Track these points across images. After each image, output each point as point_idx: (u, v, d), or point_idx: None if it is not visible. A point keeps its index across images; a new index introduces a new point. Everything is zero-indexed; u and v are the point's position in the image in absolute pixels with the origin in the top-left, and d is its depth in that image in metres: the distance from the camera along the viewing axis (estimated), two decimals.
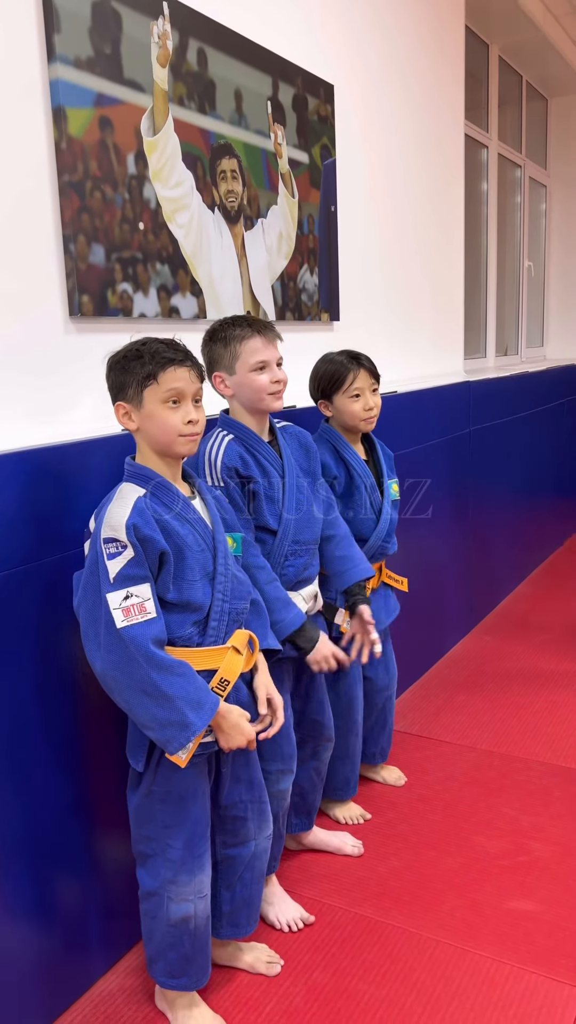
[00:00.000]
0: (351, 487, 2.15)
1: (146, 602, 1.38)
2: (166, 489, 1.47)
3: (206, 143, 2.08)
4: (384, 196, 3.03)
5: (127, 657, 1.36)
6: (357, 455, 2.18)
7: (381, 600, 2.26)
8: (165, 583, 1.43)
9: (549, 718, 2.82)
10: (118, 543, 1.38)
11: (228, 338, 1.75)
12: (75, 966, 1.68)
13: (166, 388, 1.43)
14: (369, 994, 1.68)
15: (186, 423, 1.45)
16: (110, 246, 1.81)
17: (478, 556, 3.66)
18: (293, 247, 2.47)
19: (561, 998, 1.65)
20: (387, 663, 2.36)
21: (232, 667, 1.50)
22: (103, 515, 1.42)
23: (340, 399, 2.13)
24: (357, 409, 2.12)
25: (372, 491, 2.17)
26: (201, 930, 1.57)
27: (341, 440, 2.17)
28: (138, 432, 1.47)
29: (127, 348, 1.46)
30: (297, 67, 2.43)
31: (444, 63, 3.45)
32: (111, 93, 1.79)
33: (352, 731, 2.22)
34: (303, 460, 1.93)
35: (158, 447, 1.47)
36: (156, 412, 1.43)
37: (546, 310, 5.91)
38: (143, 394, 1.43)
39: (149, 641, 1.37)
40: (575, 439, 5.24)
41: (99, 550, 1.38)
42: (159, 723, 1.39)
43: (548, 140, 5.67)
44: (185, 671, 1.41)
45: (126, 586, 1.37)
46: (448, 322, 3.68)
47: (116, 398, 1.46)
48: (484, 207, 4.63)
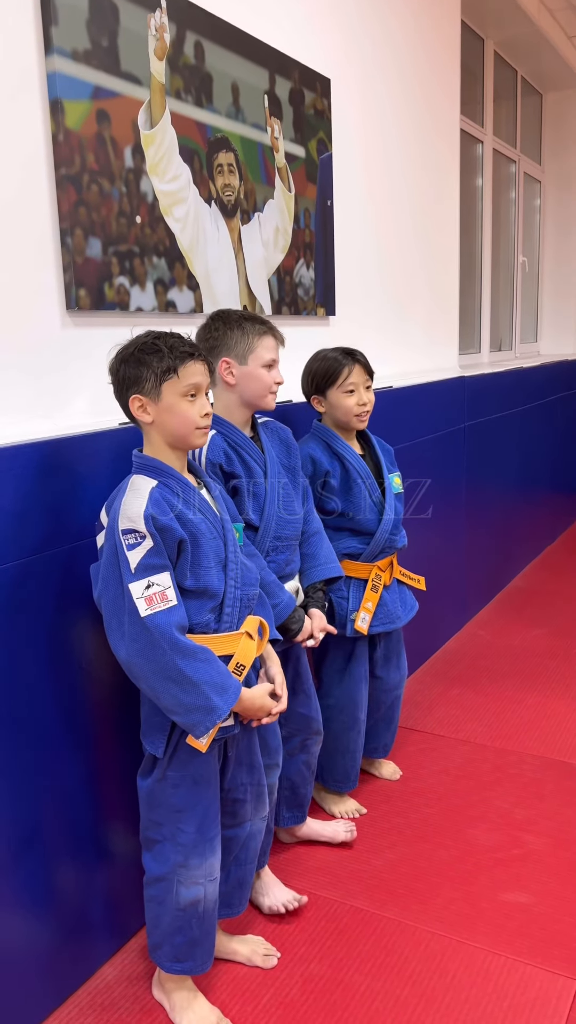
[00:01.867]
0: (348, 482, 2.15)
1: (167, 590, 1.40)
2: (177, 480, 1.49)
3: (203, 137, 2.08)
4: (380, 191, 3.03)
5: (151, 644, 1.38)
6: (352, 450, 2.18)
7: (396, 596, 2.24)
8: (183, 571, 1.45)
9: (543, 712, 2.83)
10: (137, 534, 1.39)
11: (247, 329, 1.77)
12: (78, 954, 1.69)
13: (186, 382, 1.45)
14: (364, 986, 1.69)
15: (203, 416, 1.47)
16: (107, 240, 1.81)
17: (472, 552, 3.67)
18: (289, 241, 2.47)
19: (555, 989, 1.66)
20: (398, 663, 2.35)
21: (247, 652, 1.52)
22: (117, 507, 1.43)
23: (334, 394, 2.12)
24: (351, 404, 2.12)
25: (371, 484, 2.16)
26: (209, 913, 1.59)
27: (334, 436, 2.16)
28: (152, 425, 1.47)
29: (139, 341, 1.46)
30: (294, 61, 2.43)
31: (440, 57, 3.45)
32: (108, 86, 1.78)
33: (354, 728, 2.23)
34: (284, 456, 1.93)
35: (173, 439, 1.48)
36: (176, 405, 1.45)
37: (540, 305, 5.92)
38: (162, 388, 1.44)
39: (173, 628, 1.39)
40: (569, 434, 5.26)
41: (118, 541, 1.40)
42: (185, 708, 1.41)
43: (543, 135, 5.68)
44: (208, 656, 1.43)
45: (147, 575, 1.39)
46: (443, 317, 3.68)
47: (130, 391, 1.46)
48: (479, 202, 4.63)
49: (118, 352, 1.47)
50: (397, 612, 2.23)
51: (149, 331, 1.47)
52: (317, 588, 1.96)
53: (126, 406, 1.48)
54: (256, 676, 1.62)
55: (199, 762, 1.53)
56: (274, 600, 1.76)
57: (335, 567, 1.99)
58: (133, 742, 1.73)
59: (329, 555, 1.99)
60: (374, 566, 2.17)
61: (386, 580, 2.21)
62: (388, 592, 2.21)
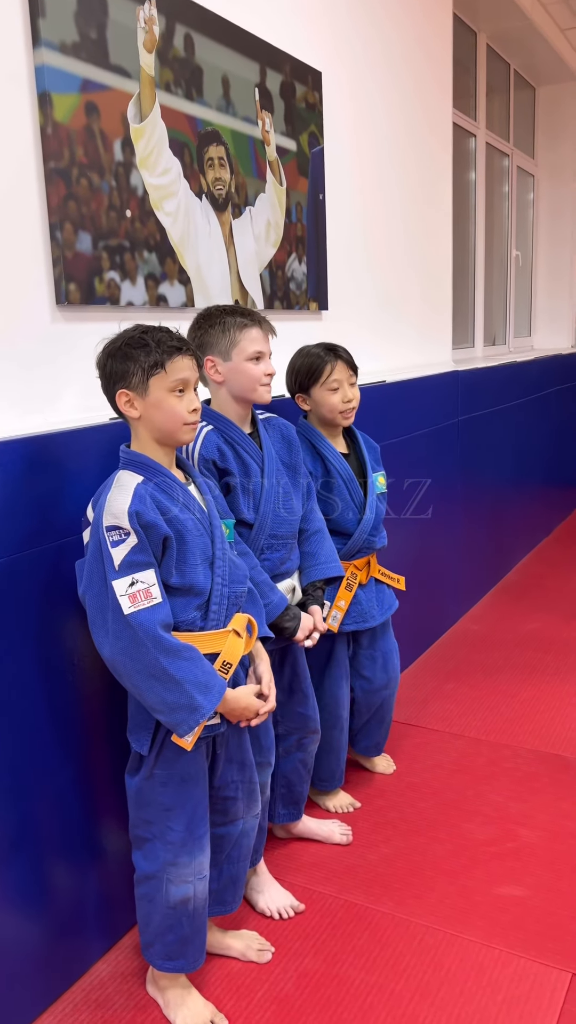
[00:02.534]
0: (329, 483, 2.13)
1: (152, 587, 1.39)
2: (164, 476, 1.47)
3: (193, 130, 2.07)
4: (372, 185, 3.02)
5: (135, 642, 1.37)
6: (334, 450, 2.15)
7: (372, 595, 2.22)
8: (168, 568, 1.44)
9: (537, 706, 2.83)
10: (121, 530, 1.38)
11: (227, 324, 1.74)
12: (71, 951, 1.69)
13: (174, 377, 1.44)
14: (360, 980, 1.69)
15: (190, 411, 1.46)
16: (97, 234, 1.80)
17: (467, 546, 3.67)
18: (281, 235, 2.46)
19: (549, 982, 1.66)
20: (385, 662, 2.30)
21: (234, 650, 1.51)
22: (102, 503, 1.42)
23: (318, 391, 2.11)
24: (335, 401, 2.10)
25: (352, 485, 2.14)
26: (200, 911, 1.59)
27: (318, 435, 2.15)
28: (139, 420, 1.46)
29: (127, 335, 1.44)
30: (285, 54, 2.41)
31: (432, 50, 3.44)
32: (97, 79, 1.77)
33: (336, 726, 2.22)
34: (284, 453, 1.92)
35: (161, 435, 1.47)
36: (163, 401, 1.44)
37: (534, 300, 5.91)
38: (149, 382, 1.43)
39: (157, 626, 1.38)
40: (564, 428, 5.26)
41: (102, 538, 1.39)
42: (168, 707, 1.40)
43: (536, 129, 5.67)
44: (193, 655, 1.42)
45: (131, 572, 1.38)
46: (436, 312, 3.68)
47: (117, 386, 1.45)
48: (472, 196, 4.62)
49: (105, 346, 1.46)
50: (372, 611, 2.20)
51: (137, 324, 1.46)
52: (317, 587, 1.95)
53: (113, 401, 1.47)
54: (245, 675, 1.61)
55: (186, 760, 1.52)
56: (264, 600, 1.74)
57: (336, 566, 1.98)
58: (123, 740, 1.72)
59: (330, 554, 1.98)
60: (350, 565, 2.15)
61: (362, 579, 2.19)
62: (364, 591, 2.20)
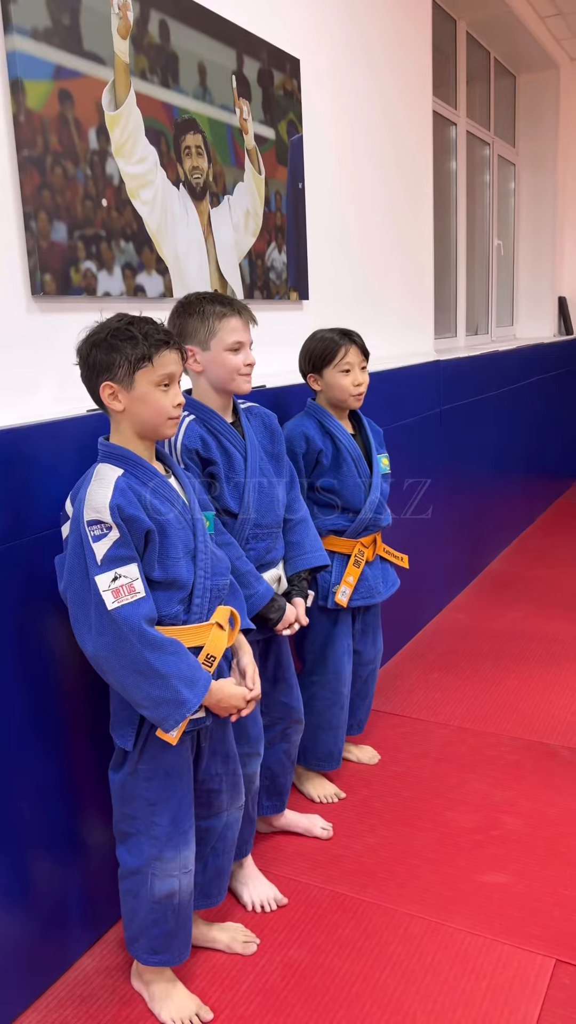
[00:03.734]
0: (338, 459, 2.17)
1: (135, 582, 1.37)
2: (144, 468, 1.45)
3: (170, 118, 2.05)
4: (352, 173, 3.01)
5: (119, 638, 1.36)
6: (343, 428, 2.20)
7: (378, 572, 2.28)
8: (150, 562, 1.43)
9: (520, 694, 2.84)
10: (102, 524, 1.36)
11: (206, 313, 1.73)
12: (54, 946, 1.68)
13: (161, 371, 1.41)
14: (345, 970, 1.69)
15: (175, 406, 1.44)
16: (72, 223, 1.77)
17: (450, 535, 3.68)
18: (260, 224, 2.44)
19: (534, 968, 1.67)
20: (374, 637, 2.37)
21: (217, 643, 1.50)
22: (82, 497, 1.40)
23: (331, 373, 2.14)
24: (347, 384, 2.14)
25: (360, 463, 2.19)
26: (185, 905, 1.58)
27: (326, 414, 2.19)
28: (123, 413, 1.44)
29: (111, 326, 1.41)
30: (262, 40, 2.39)
31: (411, 38, 3.42)
32: (71, 65, 1.75)
33: (337, 703, 2.24)
34: (267, 442, 1.91)
35: (144, 429, 1.45)
36: (149, 395, 1.42)
37: (516, 289, 5.92)
38: (135, 376, 1.40)
39: (141, 620, 1.37)
40: (545, 418, 5.28)
41: (83, 533, 1.37)
42: (154, 702, 1.39)
43: (516, 117, 5.66)
44: (177, 649, 1.41)
45: (114, 567, 1.36)
46: (418, 301, 3.67)
47: (101, 378, 1.41)
48: (453, 185, 4.61)
49: (88, 335, 1.42)
50: (378, 587, 2.27)
51: (121, 314, 1.43)
52: (302, 577, 1.95)
53: (95, 392, 1.44)
54: (228, 667, 1.61)
55: (171, 755, 1.51)
56: (249, 591, 1.73)
57: (321, 555, 1.98)
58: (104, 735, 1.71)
59: (315, 543, 1.98)
60: (357, 542, 2.21)
61: (368, 556, 2.24)
62: (370, 568, 2.25)
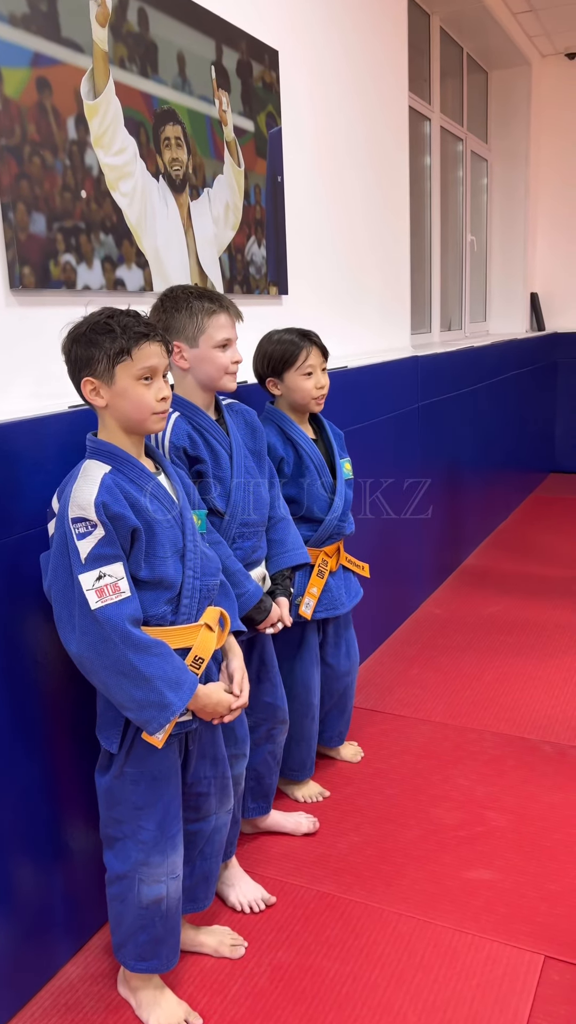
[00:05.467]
0: (300, 467, 2.11)
1: (120, 581, 1.34)
2: (132, 465, 1.42)
3: (149, 108, 2.01)
4: (330, 167, 2.98)
5: (103, 638, 1.33)
6: (305, 435, 2.14)
7: (342, 582, 2.22)
8: (137, 561, 1.40)
9: (500, 689, 2.85)
10: (88, 522, 1.33)
11: (194, 309, 1.69)
12: (39, 954, 1.64)
13: (141, 365, 1.38)
14: (334, 971, 1.68)
15: (159, 400, 1.41)
16: (51, 215, 1.73)
17: (427, 531, 3.68)
18: (240, 218, 2.41)
19: (523, 965, 1.67)
20: (348, 649, 2.31)
21: (206, 645, 1.47)
22: (68, 494, 1.36)
23: (292, 376, 2.08)
24: (309, 387, 2.08)
25: (323, 471, 2.13)
26: (173, 911, 1.56)
27: (287, 420, 2.12)
28: (106, 409, 1.40)
29: (92, 320, 1.38)
30: (241, 31, 2.36)
31: (387, 32, 3.40)
32: (49, 53, 1.70)
33: (307, 715, 2.20)
34: (249, 439, 1.88)
35: (129, 424, 1.42)
36: (130, 389, 1.38)
37: (489, 285, 5.94)
38: (115, 370, 1.37)
39: (125, 621, 1.34)
40: (520, 413, 5.30)
41: (68, 530, 1.34)
42: (138, 704, 1.36)
43: (489, 114, 5.67)
44: (163, 651, 1.38)
45: (98, 566, 1.33)
46: (395, 297, 3.66)
47: (82, 373, 1.39)
48: (427, 181, 4.60)
49: (70, 330, 1.40)
50: (341, 598, 2.21)
51: (104, 308, 1.40)
52: (285, 575, 1.93)
53: (78, 388, 1.41)
54: (218, 670, 1.58)
55: (158, 758, 1.48)
56: (239, 590, 1.71)
57: (303, 553, 1.95)
58: (90, 737, 1.68)
59: (296, 541, 1.95)
60: (321, 551, 2.15)
61: (332, 566, 2.19)
62: (334, 578, 2.20)
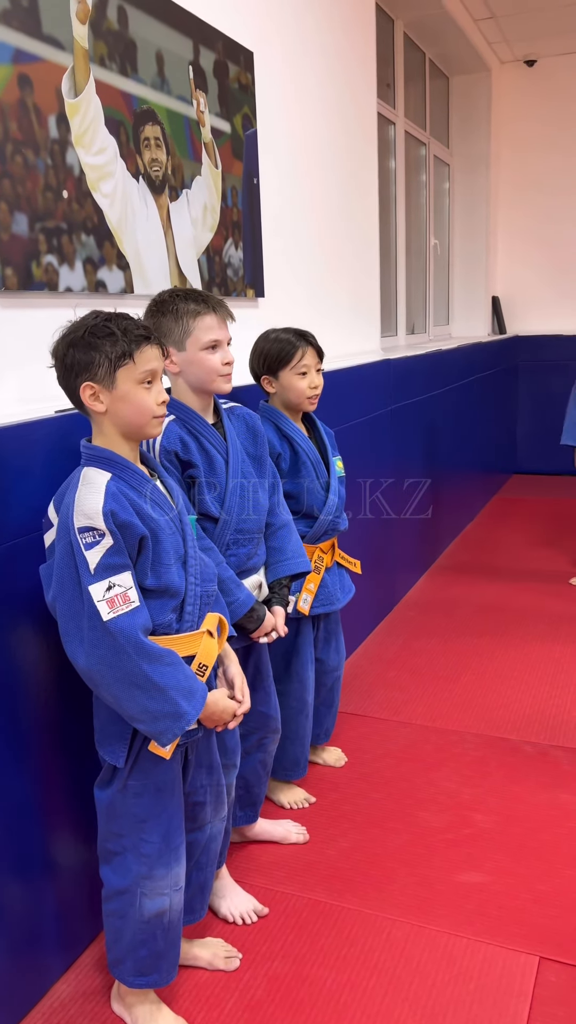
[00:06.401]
0: (296, 463, 2.13)
1: (129, 591, 1.31)
2: (132, 472, 1.39)
3: (129, 108, 1.98)
4: (303, 170, 2.97)
5: (115, 650, 1.29)
6: (301, 432, 2.15)
7: (336, 579, 2.25)
8: (143, 569, 1.36)
9: (478, 690, 2.86)
10: (95, 531, 1.29)
11: (180, 312, 1.66)
12: (28, 973, 1.60)
13: (143, 368, 1.35)
14: (331, 980, 1.66)
15: (159, 404, 1.38)
16: (33, 215, 1.69)
17: (400, 534, 3.68)
18: (218, 220, 2.39)
19: (518, 966, 1.67)
20: (337, 644, 2.34)
21: (209, 651, 1.45)
22: (70, 503, 1.32)
23: (287, 375, 2.09)
24: (303, 386, 2.09)
25: (318, 467, 2.15)
26: (175, 924, 1.53)
27: (283, 417, 2.13)
28: (105, 414, 1.36)
29: (88, 323, 1.34)
30: (217, 31, 2.34)
31: (355, 36, 3.41)
32: (30, 49, 1.66)
33: (303, 712, 2.20)
34: (249, 443, 1.85)
35: (129, 429, 1.38)
36: (131, 393, 1.35)
37: (451, 288, 5.99)
38: (116, 374, 1.33)
39: (138, 631, 1.30)
40: (484, 415, 5.36)
41: (74, 540, 1.30)
42: (152, 716, 1.32)
43: (450, 119, 5.72)
44: (174, 660, 1.35)
45: (108, 576, 1.29)
46: (365, 300, 3.66)
47: (80, 378, 1.34)
48: (392, 185, 4.63)
49: (64, 334, 1.35)
50: (336, 594, 2.24)
51: (96, 312, 1.36)
52: (283, 584, 1.90)
53: (74, 393, 1.36)
54: (215, 676, 1.56)
55: (162, 769, 1.45)
56: (230, 598, 1.68)
57: (303, 561, 1.93)
58: (80, 750, 1.64)
59: (297, 549, 1.93)
60: (316, 548, 2.16)
61: (327, 562, 2.21)
62: (329, 574, 2.22)
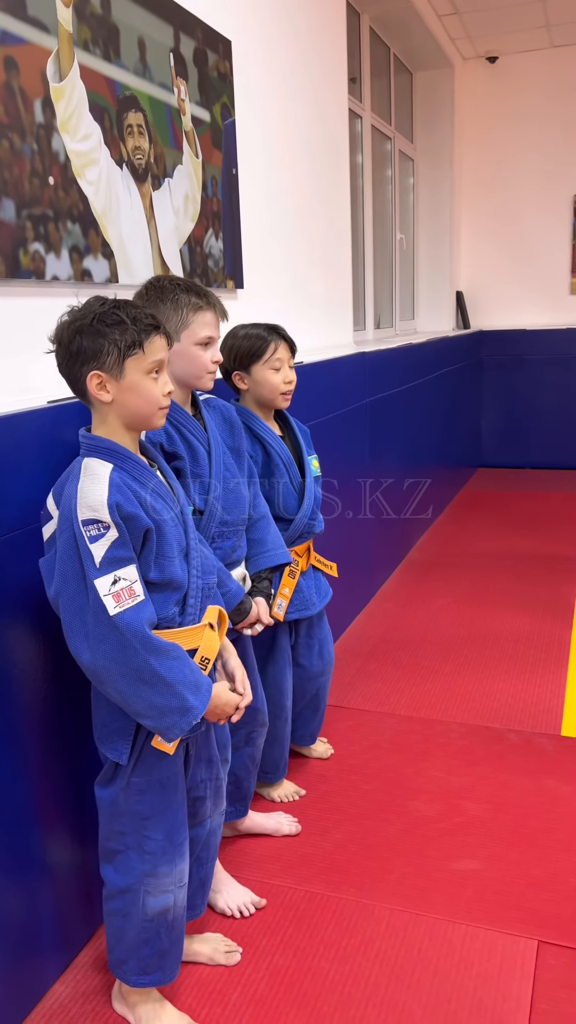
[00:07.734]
0: (269, 466, 2.07)
1: (135, 584, 1.28)
2: (134, 463, 1.35)
3: (112, 94, 1.94)
4: (280, 161, 2.96)
5: (121, 645, 1.26)
6: (272, 432, 2.09)
7: (312, 582, 2.19)
8: (147, 562, 1.33)
9: (460, 679, 2.88)
10: (100, 524, 1.26)
11: (180, 303, 1.62)
12: (26, 975, 1.56)
13: (152, 359, 1.32)
14: (333, 971, 1.65)
15: (165, 395, 1.35)
16: (20, 201, 1.65)
17: (374, 527, 3.69)
18: (199, 210, 2.36)
19: (518, 951, 1.68)
20: (320, 650, 2.28)
21: (211, 645, 1.43)
22: (71, 495, 1.29)
23: (260, 370, 2.02)
24: (277, 381, 2.03)
25: (291, 469, 2.09)
26: (179, 921, 1.51)
27: (254, 417, 2.07)
28: (110, 404, 1.33)
29: (95, 310, 1.29)
30: (196, 18, 2.31)
31: (326, 28, 3.40)
32: (15, 31, 1.62)
33: (280, 716, 2.17)
34: (227, 436, 1.83)
35: (134, 420, 1.35)
36: (140, 384, 1.31)
37: (416, 283, 6.02)
38: (125, 364, 1.30)
39: (145, 625, 1.28)
40: (453, 409, 5.40)
41: (78, 533, 1.26)
42: (158, 711, 1.30)
43: (414, 114, 5.75)
44: (180, 654, 1.33)
45: (113, 569, 1.26)
46: (339, 293, 3.66)
47: (87, 366, 1.30)
48: (360, 179, 4.63)
49: (70, 320, 1.31)
50: (312, 598, 2.18)
51: (100, 298, 1.32)
52: (263, 576, 1.89)
53: (77, 382, 1.33)
54: (215, 669, 1.54)
55: (166, 765, 1.43)
56: (222, 589, 1.67)
57: (283, 553, 1.91)
58: (76, 748, 1.61)
59: (276, 540, 1.91)
60: (292, 551, 2.11)
61: (303, 566, 2.16)
62: (304, 578, 2.17)
